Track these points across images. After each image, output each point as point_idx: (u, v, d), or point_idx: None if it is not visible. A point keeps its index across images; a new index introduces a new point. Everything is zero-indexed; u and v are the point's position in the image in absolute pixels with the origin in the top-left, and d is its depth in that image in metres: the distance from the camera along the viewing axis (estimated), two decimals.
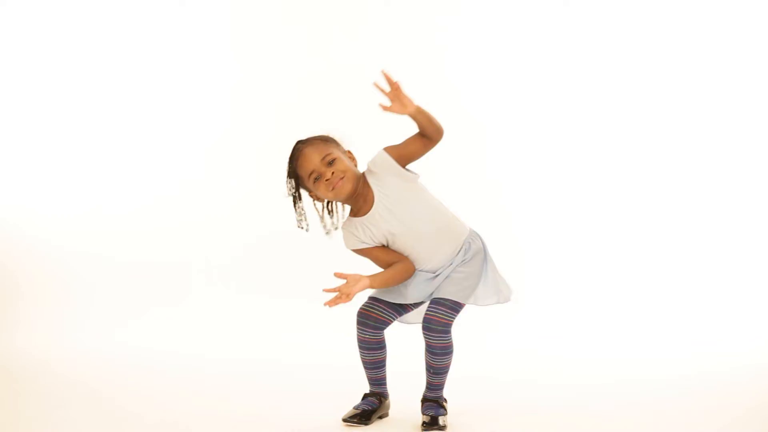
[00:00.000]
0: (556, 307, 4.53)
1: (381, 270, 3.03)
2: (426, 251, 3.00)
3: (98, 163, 4.82)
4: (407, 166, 2.96)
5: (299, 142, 2.97)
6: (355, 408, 3.08)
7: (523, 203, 4.72)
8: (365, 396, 3.13)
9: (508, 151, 4.77)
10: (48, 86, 4.81)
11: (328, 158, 2.91)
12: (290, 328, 4.41)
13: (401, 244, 3.00)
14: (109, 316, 4.55)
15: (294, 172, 2.95)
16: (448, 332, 2.98)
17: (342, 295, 2.89)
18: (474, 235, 3.07)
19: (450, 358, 3.02)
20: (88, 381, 3.74)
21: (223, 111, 4.85)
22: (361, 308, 3.08)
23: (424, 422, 2.99)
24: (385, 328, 3.08)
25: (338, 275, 2.91)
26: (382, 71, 2.78)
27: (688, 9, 4.69)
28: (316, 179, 2.92)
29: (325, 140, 2.96)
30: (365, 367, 3.13)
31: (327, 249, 4.14)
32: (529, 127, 4.78)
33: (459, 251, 3.02)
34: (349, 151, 3.02)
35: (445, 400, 3.09)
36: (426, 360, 3.04)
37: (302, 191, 3.00)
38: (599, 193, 4.71)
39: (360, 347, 3.09)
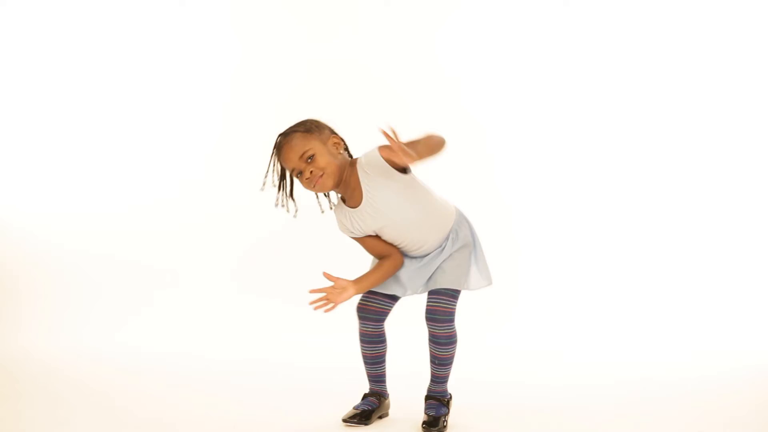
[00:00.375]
0: (556, 308, 4.53)
1: (371, 263, 3.07)
2: (414, 241, 3.00)
3: (98, 163, 4.81)
4: None
5: (280, 136, 2.95)
6: (355, 408, 3.08)
7: (523, 203, 4.72)
8: (365, 396, 3.14)
9: (508, 151, 4.76)
10: (47, 86, 4.81)
11: (307, 155, 2.89)
12: (290, 329, 4.40)
13: (389, 236, 3.01)
14: (109, 316, 4.55)
15: (279, 164, 2.96)
16: (452, 321, 3.00)
17: (328, 303, 2.90)
18: (461, 220, 3.07)
19: (454, 348, 3.03)
20: (88, 381, 3.74)
21: (223, 111, 4.85)
22: (359, 303, 3.10)
23: (424, 422, 2.99)
24: (385, 320, 3.10)
25: (327, 276, 2.92)
26: (382, 131, 2.70)
27: (688, 8, 4.68)
28: (299, 174, 2.92)
29: (307, 131, 2.92)
30: (366, 363, 3.13)
31: (327, 249, 4.16)
32: (529, 126, 4.77)
33: (447, 238, 3.02)
34: (333, 136, 2.96)
35: (450, 397, 3.10)
36: (431, 351, 3.05)
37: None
38: (598, 193, 4.71)
39: (362, 341, 3.10)
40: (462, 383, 3.22)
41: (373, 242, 3.04)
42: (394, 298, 3.09)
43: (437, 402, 3.05)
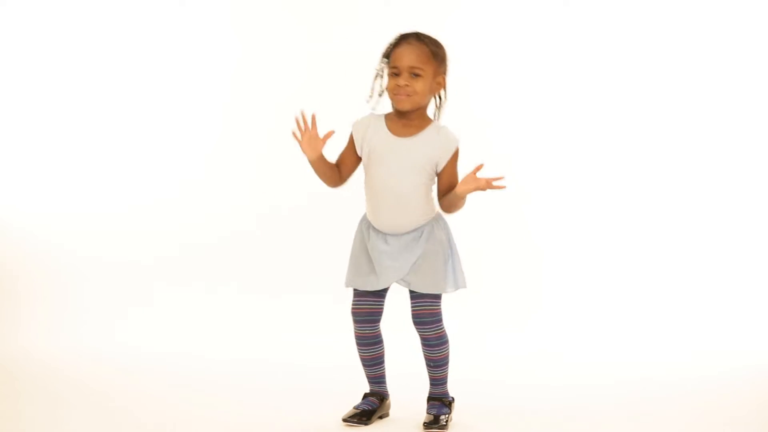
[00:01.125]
0: (556, 308, 4.53)
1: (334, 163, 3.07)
2: (382, 205, 3.00)
3: (98, 163, 4.80)
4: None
5: (413, 35, 2.97)
6: (356, 408, 3.08)
7: (525, 204, 4.70)
8: (365, 396, 3.14)
9: (506, 152, 4.74)
10: (47, 86, 4.79)
11: (416, 71, 2.92)
12: (290, 328, 4.40)
13: (373, 180, 3.01)
14: (109, 316, 4.54)
15: (388, 53, 2.99)
16: (440, 321, 3.01)
17: (298, 136, 2.92)
18: (438, 220, 3.07)
19: (447, 348, 3.03)
20: (88, 381, 3.73)
21: (223, 111, 4.84)
22: (352, 308, 3.08)
23: (425, 422, 2.99)
24: (379, 320, 3.08)
25: (328, 134, 2.92)
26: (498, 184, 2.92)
27: (688, 8, 4.68)
28: (393, 75, 2.94)
29: (434, 54, 2.95)
30: (364, 365, 3.13)
31: (327, 251, 4.16)
32: (529, 127, 4.76)
33: (420, 232, 3.01)
34: (442, 77, 3.01)
35: (452, 399, 3.09)
36: (424, 355, 3.05)
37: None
38: (597, 194, 4.69)
39: (358, 344, 3.10)
40: (462, 383, 3.22)
41: (352, 159, 3.05)
42: (381, 296, 3.07)
43: (439, 402, 3.05)
